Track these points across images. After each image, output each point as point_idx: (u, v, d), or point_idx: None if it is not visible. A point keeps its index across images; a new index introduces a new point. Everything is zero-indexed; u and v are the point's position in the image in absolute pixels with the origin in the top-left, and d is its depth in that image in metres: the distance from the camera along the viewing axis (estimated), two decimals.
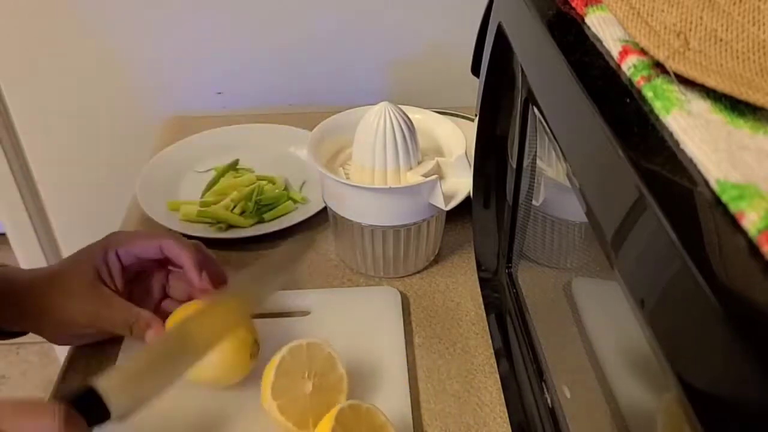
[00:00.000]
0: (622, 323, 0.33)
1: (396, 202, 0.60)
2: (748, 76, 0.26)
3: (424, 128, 0.65)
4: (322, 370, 0.50)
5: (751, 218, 0.20)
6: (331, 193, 0.63)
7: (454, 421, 0.53)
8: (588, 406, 0.41)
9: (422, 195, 0.60)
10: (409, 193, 0.59)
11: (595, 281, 0.38)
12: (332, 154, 0.66)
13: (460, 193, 0.62)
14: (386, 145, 0.59)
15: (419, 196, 0.60)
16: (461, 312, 0.63)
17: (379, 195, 0.60)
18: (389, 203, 0.60)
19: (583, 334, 0.42)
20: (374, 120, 0.59)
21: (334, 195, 0.63)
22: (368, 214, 0.61)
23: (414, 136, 0.60)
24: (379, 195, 0.60)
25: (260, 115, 0.93)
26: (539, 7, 0.38)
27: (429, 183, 0.59)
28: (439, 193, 0.59)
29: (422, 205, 0.61)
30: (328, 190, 0.63)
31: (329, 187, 0.63)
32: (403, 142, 0.59)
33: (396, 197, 0.60)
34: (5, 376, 1.50)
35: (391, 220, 0.61)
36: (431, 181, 0.59)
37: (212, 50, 0.94)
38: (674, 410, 0.23)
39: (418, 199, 0.60)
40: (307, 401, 0.48)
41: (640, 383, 0.32)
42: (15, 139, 0.99)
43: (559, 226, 0.47)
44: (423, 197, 0.60)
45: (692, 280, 0.20)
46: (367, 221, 0.62)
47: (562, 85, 0.32)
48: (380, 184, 0.60)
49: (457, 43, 0.70)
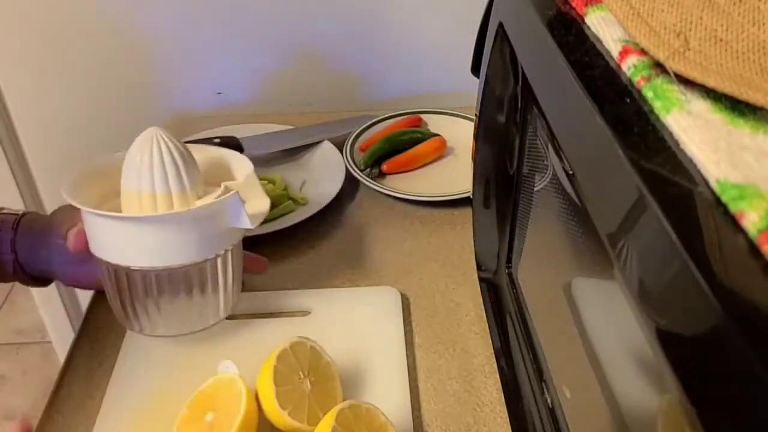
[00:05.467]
0: (622, 323, 0.33)
1: (194, 228, 0.50)
2: (748, 76, 0.26)
3: (204, 160, 0.56)
4: (313, 365, 0.50)
5: (751, 218, 0.20)
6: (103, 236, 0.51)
7: (454, 421, 0.53)
8: (588, 406, 0.41)
9: (219, 218, 0.50)
10: (206, 217, 0.50)
11: (595, 281, 0.38)
12: (100, 198, 0.54)
13: (261, 210, 0.53)
14: (153, 165, 0.49)
15: (214, 220, 0.50)
16: (461, 312, 0.63)
17: (172, 222, 0.49)
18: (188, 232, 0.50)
19: (583, 334, 0.42)
20: (141, 142, 0.50)
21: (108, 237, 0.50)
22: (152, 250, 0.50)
23: (189, 160, 0.51)
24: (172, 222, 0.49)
25: (260, 115, 0.93)
26: (539, 7, 0.38)
27: (226, 201, 0.50)
28: (242, 211, 0.50)
29: (221, 231, 0.51)
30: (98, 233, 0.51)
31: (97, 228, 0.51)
32: (172, 164, 0.50)
33: (191, 223, 0.49)
34: (5, 376, 1.50)
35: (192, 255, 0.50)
36: (228, 197, 0.50)
37: (212, 50, 0.94)
38: (674, 410, 0.23)
39: (216, 224, 0.51)
40: (310, 399, 0.49)
41: (640, 383, 0.32)
42: (15, 139, 0.99)
43: (558, 226, 0.47)
44: (220, 221, 0.51)
45: (692, 280, 0.20)
46: (151, 262, 0.50)
47: (562, 85, 0.32)
48: (149, 211, 0.50)
49: (457, 43, 0.70)
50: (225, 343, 0.57)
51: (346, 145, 0.82)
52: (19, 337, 1.59)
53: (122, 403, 0.53)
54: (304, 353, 0.51)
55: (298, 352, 0.50)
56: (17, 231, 0.56)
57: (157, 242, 0.49)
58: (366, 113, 0.90)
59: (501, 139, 0.56)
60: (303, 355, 0.50)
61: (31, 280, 0.58)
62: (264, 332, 0.55)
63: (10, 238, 0.55)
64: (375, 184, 0.76)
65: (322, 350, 0.52)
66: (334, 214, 0.75)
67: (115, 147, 0.75)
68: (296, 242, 0.71)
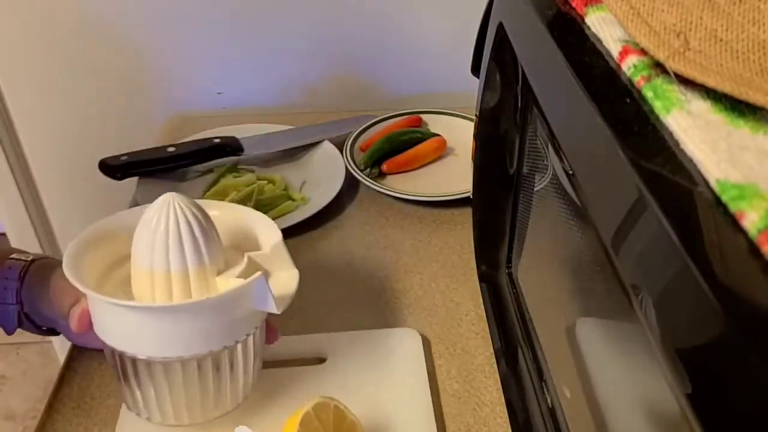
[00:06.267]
0: (621, 323, 0.33)
1: (214, 316, 0.45)
2: (748, 76, 0.26)
3: (227, 219, 0.51)
4: (336, 427, 0.46)
5: (751, 218, 0.20)
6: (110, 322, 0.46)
7: (454, 421, 0.53)
8: (588, 406, 0.41)
9: (242, 303, 0.46)
10: (227, 304, 0.45)
11: (595, 281, 0.38)
12: (106, 268, 0.49)
13: (290, 289, 0.48)
14: (168, 240, 0.44)
15: (237, 305, 0.45)
16: (461, 312, 0.63)
17: (189, 312, 0.44)
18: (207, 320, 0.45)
19: (583, 334, 0.42)
20: (156, 211, 0.44)
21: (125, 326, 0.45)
22: (165, 340, 0.45)
23: (209, 231, 0.46)
24: (189, 312, 0.44)
25: (260, 116, 0.93)
26: (539, 7, 0.38)
27: (251, 284, 0.44)
28: (268, 294, 0.45)
29: (243, 315, 0.46)
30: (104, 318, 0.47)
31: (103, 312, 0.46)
32: (191, 237, 0.44)
33: (211, 311, 0.45)
34: (5, 376, 1.50)
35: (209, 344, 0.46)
36: (254, 280, 0.44)
37: (212, 50, 0.94)
38: (674, 409, 0.23)
39: (238, 309, 0.46)
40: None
41: (639, 383, 0.32)
42: (15, 139, 0.99)
43: (558, 226, 0.47)
44: (243, 306, 0.46)
45: (692, 280, 0.20)
46: (162, 352, 0.45)
47: (562, 85, 0.32)
48: (161, 292, 0.45)
49: (457, 43, 0.70)
50: None
51: (346, 145, 0.82)
52: (19, 337, 1.58)
53: None
54: (327, 414, 0.46)
55: (321, 414, 0.46)
56: (23, 281, 0.52)
57: (172, 332, 0.45)
58: (366, 113, 0.90)
59: (501, 139, 0.56)
60: (326, 416, 0.46)
61: (39, 331, 0.56)
62: (279, 385, 0.53)
63: (16, 288, 0.52)
64: (375, 184, 0.76)
65: (347, 409, 0.47)
66: (334, 214, 0.75)
67: (117, 146, 0.76)
68: (296, 242, 0.71)
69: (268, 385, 0.54)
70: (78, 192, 1.03)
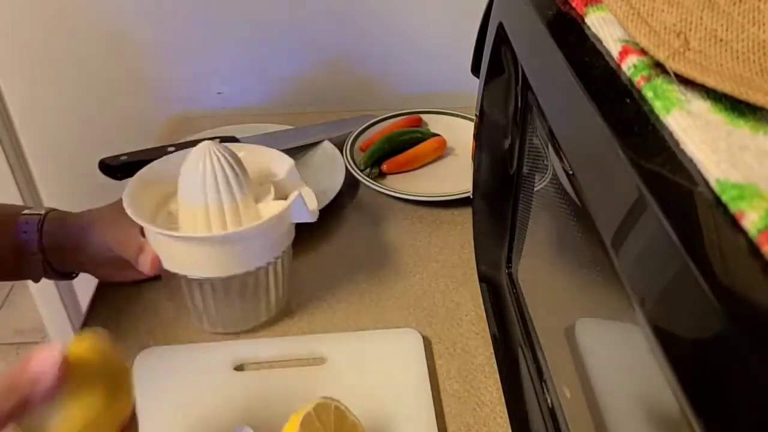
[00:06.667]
0: (621, 323, 0.33)
1: (267, 235, 0.54)
2: (748, 76, 0.26)
3: (249, 162, 0.58)
4: (337, 428, 0.47)
5: (751, 218, 0.20)
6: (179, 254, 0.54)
7: (454, 421, 0.53)
8: (588, 406, 0.41)
9: (284, 221, 0.56)
10: (277, 222, 0.54)
11: (595, 281, 0.38)
12: (156, 204, 0.58)
13: (314, 202, 0.58)
14: (217, 180, 0.52)
15: (280, 224, 0.55)
16: (461, 312, 0.63)
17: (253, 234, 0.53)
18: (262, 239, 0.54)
19: (583, 334, 0.42)
20: (198, 160, 0.52)
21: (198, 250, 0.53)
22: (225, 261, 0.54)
23: (241, 169, 0.54)
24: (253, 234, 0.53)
25: (260, 115, 0.93)
26: (539, 7, 0.38)
27: (294, 201, 0.55)
28: (304, 207, 0.55)
29: (284, 231, 0.56)
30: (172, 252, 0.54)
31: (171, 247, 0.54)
32: (235, 177, 0.53)
33: (268, 230, 0.54)
34: None
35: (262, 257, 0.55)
36: (296, 198, 0.55)
37: (212, 50, 0.94)
38: (673, 409, 0.23)
39: (282, 226, 0.56)
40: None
41: (639, 383, 0.32)
42: (15, 139, 0.99)
43: (558, 226, 0.47)
44: (284, 223, 0.56)
45: (692, 280, 0.20)
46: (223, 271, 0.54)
47: (562, 85, 0.32)
48: (216, 223, 0.53)
49: (457, 43, 0.70)
50: (238, 399, 0.54)
51: (346, 145, 0.82)
52: (19, 337, 1.59)
53: None
54: (328, 415, 0.47)
55: (322, 415, 0.46)
56: (42, 232, 0.58)
57: (233, 254, 0.53)
58: (366, 113, 0.90)
59: (501, 139, 0.56)
60: (327, 417, 0.47)
61: (59, 275, 0.61)
62: (279, 385, 0.53)
63: (37, 239, 0.58)
64: (375, 184, 0.76)
65: (347, 410, 0.48)
66: (334, 214, 0.75)
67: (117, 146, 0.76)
68: (296, 242, 0.71)
69: (269, 386, 0.54)
70: (78, 192, 1.03)
